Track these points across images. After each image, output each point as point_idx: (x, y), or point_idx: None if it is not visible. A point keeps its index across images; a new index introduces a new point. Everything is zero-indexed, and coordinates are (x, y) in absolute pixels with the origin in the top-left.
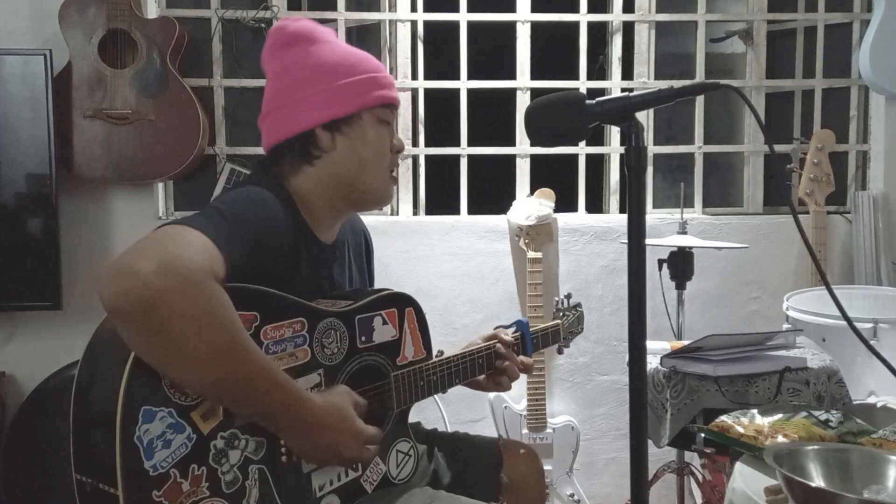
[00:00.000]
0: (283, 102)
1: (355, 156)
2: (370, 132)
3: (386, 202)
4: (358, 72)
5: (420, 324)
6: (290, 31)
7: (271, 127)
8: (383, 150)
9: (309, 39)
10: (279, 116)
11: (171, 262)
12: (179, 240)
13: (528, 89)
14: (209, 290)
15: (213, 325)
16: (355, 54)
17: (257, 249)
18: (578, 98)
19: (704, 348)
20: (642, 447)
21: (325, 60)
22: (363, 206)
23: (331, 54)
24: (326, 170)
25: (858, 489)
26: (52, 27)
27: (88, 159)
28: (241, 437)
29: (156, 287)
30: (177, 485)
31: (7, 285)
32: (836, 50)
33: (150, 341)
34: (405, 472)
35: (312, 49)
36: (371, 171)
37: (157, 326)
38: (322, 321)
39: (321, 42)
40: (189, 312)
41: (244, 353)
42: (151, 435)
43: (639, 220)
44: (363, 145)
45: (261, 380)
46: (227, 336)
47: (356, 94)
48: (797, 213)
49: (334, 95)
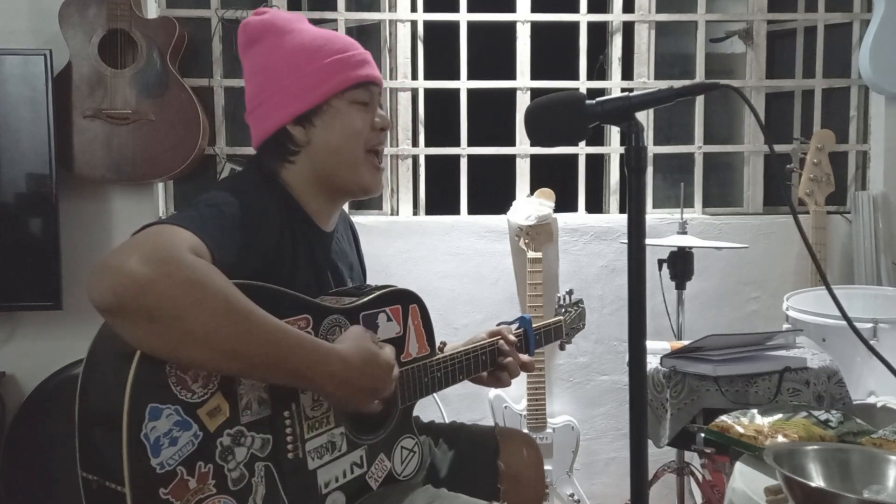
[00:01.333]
0: (257, 102)
1: (330, 145)
2: (343, 118)
3: (372, 190)
4: (320, 58)
5: (424, 320)
6: (252, 27)
7: (252, 127)
8: (359, 134)
9: (273, 32)
10: (256, 117)
11: (154, 251)
12: (164, 235)
13: (528, 89)
14: (190, 262)
15: (203, 291)
16: (318, 39)
17: (247, 242)
18: (578, 98)
19: (704, 348)
20: (642, 447)
21: (286, 53)
22: (350, 196)
23: (292, 45)
24: (307, 164)
25: (858, 489)
26: (52, 27)
27: (88, 159)
28: (248, 434)
29: (141, 276)
30: (183, 482)
31: (7, 285)
32: (836, 50)
33: (150, 330)
34: (410, 469)
35: (276, 43)
36: (350, 158)
37: (152, 312)
38: (327, 318)
39: (284, 33)
40: (178, 289)
41: (246, 313)
42: (158, 432)
43: (639, 220)
44: (337, 133)
45: (275, 337)
46: (222, 299)
47: (319, 82)
48: (797, 213)
49: (298, 87)
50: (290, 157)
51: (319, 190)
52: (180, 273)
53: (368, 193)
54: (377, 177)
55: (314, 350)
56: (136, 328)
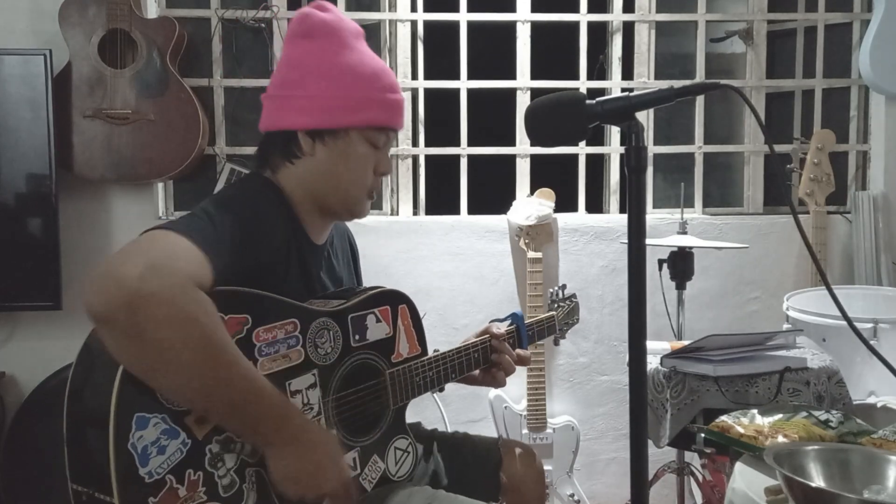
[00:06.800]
0: (281, 93)
1: (331, 169)
2: (353, 151)
3: (358, 217)
4: (362, 88)
5: (414, 320)
6: (314, 22)
7: (266, 112)
8: (363, 171)
9: (328, 36)
10: (274, 105)
11: (154, 267)
12: (164, 245)
13: (528, 89)
14: (193, 297)
15: (197, 331)
16: (369, 69)
17: (244, 252)
18: (578, 98)
19: (704, 348)
20: (642, 447)
21: (334, 66)
22: (335, 217)
23: (342, 61)
24: (305, 172)
25: (858, 489)
26: (52, 27)
27: (88, 159)
28: (237, 440)
29: (139, 291)
30: (173, 491)
31: (7, 285)
32: (836, 50)
33: (133, 347)
34: (404, 469)
35: (331, 50)
36: (344, 189)
37: (141, 331)
38: (315, 321)
39: (339, 44)
40: (172, 318)
41: (228, 361)
42: (146, 441)
43: (639, 220)
44: (342, 161)
45: (245, 387)
46: (211, 342)
47: (351, 109)
48: (797, 213)
49: (328, 104)
50: (291, 160)
51: (311, 202)
52: (180, 304)
53: (354, 218)
54: (367, 206)
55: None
56: (121, 341)
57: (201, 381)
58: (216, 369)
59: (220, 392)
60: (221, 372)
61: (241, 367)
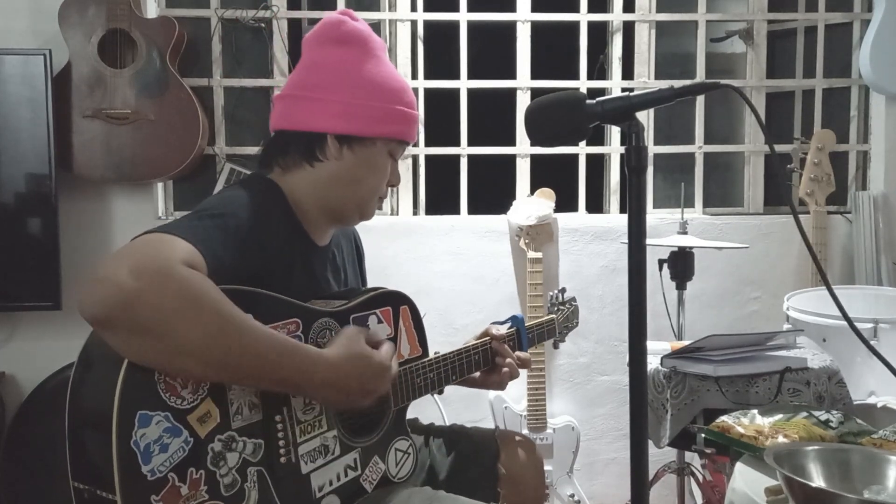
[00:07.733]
0: (308, 95)
1: (354, 175)
2: (376, 160)
3: (366, 221)
4: (392, 100)
5: (415, 322)
6: (345, 30)
7: (286, 111)
8: (381, 180)
9: (360, 46)
10: (299, 106)
11: (143, 263)
12: (156, 245)
13: (528, 89)
14: (182, 274)
15: (196, 305)
16: (397, 82)
17: (244, 253)
18: (579, 98)
19: (705, 348)
20: (643, 447)
21: (366, 75)
22: (345, 222)
23: (374, 72)
24: (323, 176)
25: (858, 489)
26: (52, 27)
27: (88, 159)
28: (239, 439)
29: (131, 288)
30: (175, 489)
31: (7, 285)
32: (836, 50)
33: (141, 342)
34: (405, 471)
35: (363, 58)
36: (361, 196)
37: (143, 324)
38: (317, 321)
39: (370, 54)
40: (169, 301)
41: (239, 327)
42: (148, 439)
43: (639, 220)
44: (365, 169)
45: (266, 349)
46: (215, 313)
47: (381, 120)
48: (797, 213)
49: (361, 113)
50: (311, 162)
51: (320, 205)
52: (171, 286)
53: (362, 221)
54: (374, 212)
55: (304, 358)
56: (126, 341)
57: (218, 353)
58: (229, 338)
59: (242, 359)
60: (235, 339)
61: (256, 330)
